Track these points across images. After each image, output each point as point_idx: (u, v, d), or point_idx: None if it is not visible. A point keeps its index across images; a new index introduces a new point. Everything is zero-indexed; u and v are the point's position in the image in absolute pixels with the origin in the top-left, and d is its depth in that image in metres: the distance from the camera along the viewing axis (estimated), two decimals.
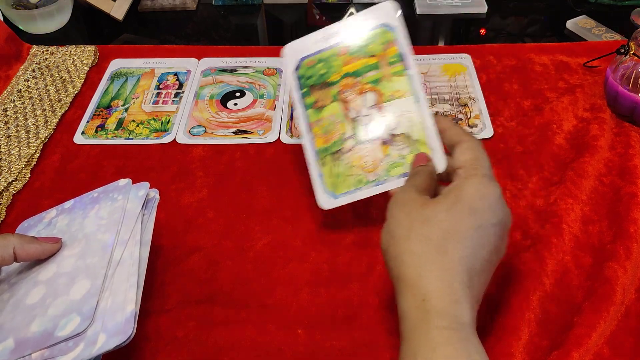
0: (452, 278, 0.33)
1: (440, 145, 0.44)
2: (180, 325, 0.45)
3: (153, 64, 0.72)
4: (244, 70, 0.70)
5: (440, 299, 0.33)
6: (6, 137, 0.62)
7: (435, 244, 0.34)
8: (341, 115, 0.48)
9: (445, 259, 0.34)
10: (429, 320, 0.32)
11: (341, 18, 0.82)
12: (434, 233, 0.35)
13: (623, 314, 0.43)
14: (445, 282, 0.33)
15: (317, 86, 0.49)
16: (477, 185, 0.37)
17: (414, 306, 0.33)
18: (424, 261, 0.34)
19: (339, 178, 0.47)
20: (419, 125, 0.45)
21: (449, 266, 0.34)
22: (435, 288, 0.33)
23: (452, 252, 0.34)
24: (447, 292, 0.33)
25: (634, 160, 0.54)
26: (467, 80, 0.66)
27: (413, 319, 0.33)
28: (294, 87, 0.49)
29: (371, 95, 0.47)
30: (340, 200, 0.46)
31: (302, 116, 0.49)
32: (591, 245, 0.48)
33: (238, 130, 0.62)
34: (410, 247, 0.35)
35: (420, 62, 0.69)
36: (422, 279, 0.34)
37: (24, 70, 0.71)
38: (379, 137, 0.46)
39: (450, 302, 0.33)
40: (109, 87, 0.69)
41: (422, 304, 0.33)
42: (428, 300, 0.33)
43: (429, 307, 0.33)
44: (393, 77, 0.47)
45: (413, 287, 0.34)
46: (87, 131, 0.63)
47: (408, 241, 0.35)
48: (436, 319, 0.32)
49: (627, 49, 0.56)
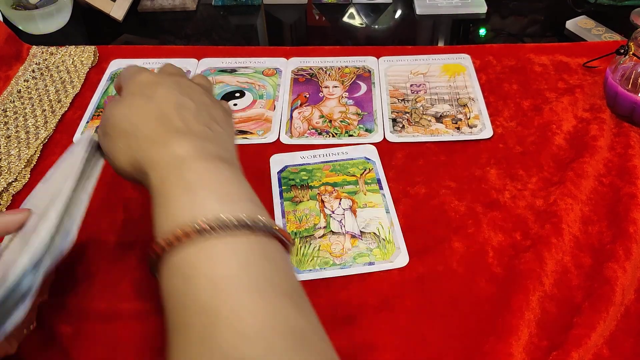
0: (152, 136, 0.37)
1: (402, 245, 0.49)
2: None
3: (153, 65, 0.72)
4: (243, 70, 0.70)
5: (151, 155, 0.36)
6: (6, 137, 0.62)
7: (127, 132, 0.38)
8: (317, 210, 0.52)
9: (140, 133, 0.37)
10: (148, 174, 0.36)
11: (341, 18, 0.83)
12: (121, 128, 0.38)
13: (623, 315, 0.43)
14: (149, 143, 0.37)
15: (298, 187, 0.54)
16: (126, 84, 0.41)
17: (142, 179, 0.38)
18: (127, 150, 0.38)
19: (305, 257, 0.49)
20: (387, 229, 0.50)
21: (146, 134, 0.37)
22: (146, 155, 0.37)
23: (141, 126, 0.38)
24: (153, 148, 0.36)
25: (634, 160, 0.54)
26: (466, 81, 0.66)
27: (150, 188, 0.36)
28: (276, 184, 0.55)
29: (346, 201, 0.53)
30: (303, 276, 0.47)
31: (278, 204, 0.53)
32: (591, 246, 0.48)
33: (237, 131, 0.62)
34: (116, 151, 0.39)
35: (420, 62, 0.69)
36: (135, 160, 0.37)
37: (24, 70, 0.71)
38: (350, 232, 0.50)
39: (158, 149, 0.36)
40: (108, 87, 0.69)
41: (143, 170, 0.36)
42: (144, 164, 0.36)
43: (147, 168, 0.36)
44: (368, 193, 0.53)
45: (135, 169, 0.38)
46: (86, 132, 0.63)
47: (114, 150, 0.39)
48: (152, 170, 0.35)
49: (626, 49, 0.56)
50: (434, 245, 0.49)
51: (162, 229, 0.32)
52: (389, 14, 0.83)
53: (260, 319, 0.28)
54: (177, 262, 0.30)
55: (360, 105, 0.64)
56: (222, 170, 0.34)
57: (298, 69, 0.70)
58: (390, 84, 0.66)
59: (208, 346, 0.27)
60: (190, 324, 0.28)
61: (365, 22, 0.82)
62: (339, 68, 0.69)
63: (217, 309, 0.28)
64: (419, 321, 0.44)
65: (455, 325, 0.44)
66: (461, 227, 0.50)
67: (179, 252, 0.30)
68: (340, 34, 0.81)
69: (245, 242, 0.31)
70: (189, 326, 0.28)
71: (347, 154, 0.57)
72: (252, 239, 0.31)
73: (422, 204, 0.52)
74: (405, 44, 0.73)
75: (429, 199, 0.53)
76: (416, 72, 0.68)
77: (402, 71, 0.68)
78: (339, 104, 0.64)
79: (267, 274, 0.30)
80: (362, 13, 0.83)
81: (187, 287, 0.29)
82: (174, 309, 0.30)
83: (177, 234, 0.30)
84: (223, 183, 0.33)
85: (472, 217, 0.51)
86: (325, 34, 0.83)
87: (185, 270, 0.30)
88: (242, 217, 0.31)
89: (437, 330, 0.43)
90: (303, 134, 0.61)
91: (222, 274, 0.29)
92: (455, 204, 0.52)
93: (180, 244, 0.30)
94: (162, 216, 0.32)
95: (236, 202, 0.32)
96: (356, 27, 0.82)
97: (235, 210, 0.31)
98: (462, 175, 0.55)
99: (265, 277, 0.30)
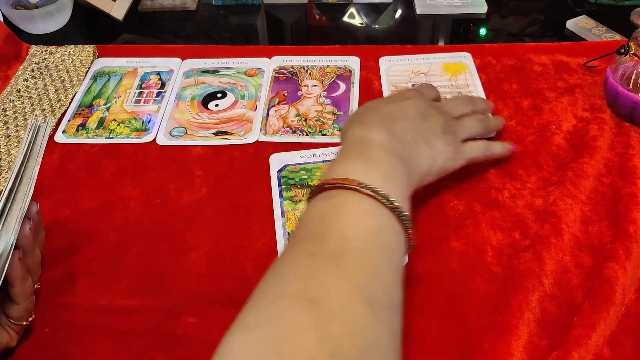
0: (365, 121, 0.46)
1: None
2: (179, 323, 0.45)
3: (136, 64, 0.72)
4: (226, 71, 0.70)
5: (354, 131, 0.45)
6: (5, 137, 0.62)
7: (360, 113, 0.48)
8: None
9: (363, 117, 0.47)
10: (344, 141, 0.45)
11: (341, 18, 0.82)
12: (361, 110, 0.49)
13: (623, 314, 0.43)
14: (361, 126, 0.45)
15: (297, 186, 0.54)
16: (398, 93, 0.53)
17: (342, 141, 0.46)
18: (350, 123, 0.47)
19: None
20: None
21: (364, 118, 0.47)
22: (352, 127, 0.46)
23: (370, 115, 0.47)
24: (359, 127, 0.45)
25: (634, 160, 0.53)
26: (467, 80, 0.66)
27: (341, 147, 0.45)
28: (275, 183, 0.55)
29: None
30: None
31: (277, 203, 0.53)
32: (591, 246, 0.48)
33: (218, 132, 0.62)
34: (346, 124, 0.48)
35: (421, 61, 0.69)
36: (346, 132, 0.46)
37: (23, 70, 0.71)
38: None
39: (360, 129, 0.45)
40: (91, 86, 0.69)
41: (343, 139, 0.46)
42: (346, 134, 0.46)
43: (346, 137, 0.46)
44: None
45: (342, 137, 0.46)
46: (68, 130, 0.63)
47: (346, 124, 0.48)
48: (348, 139, 0.45)
49: (627, 49, 0.56)
50: (433, 245, 0.49)
51: (333, 172, 0.41)
52: (389, 14, 0.83)
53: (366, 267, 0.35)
54: (333, 194, 0.39)
55: (337, 104, 0.64)
56: (396, 165, 0.43)
57: (280, 67, 0.70)
58: (392, 84, 0.66)
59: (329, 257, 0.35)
60: (320, 237, 0.36)
61: (366, 21, 0.82)
62: (320, 67, 0.69)
63: (348, 239, 0.36)
64: (418, 320, 0.44)
65: (454, 325, 0.43)
66: (460, 226, 0.50)
67: (338, 191, 0.39)
68: (341, 33, 0.81)
69: (385, 216, 0.38)
70: (318, 238, 0.36)
71: None
72: (391, 218, 0.38)
73: (421, 203, 0.52)
74: (405, 43, 0.73)
75: (427, 198, 0.53)
76: (417, 71, 0.68)
77: (403, 71, 0.68)
78: (316, 103, 0.64)
79: (388, 244, 0.38)
80: (362, 13, 0.83)
81: (333, 212, 0.38)
82: (310, 223, 0.38)
83: (343, 179, 0.39)
84: (390, 170, 0.42)
85: (471, 216, 0.51)
86: (326, 33, 0.83)
87: (335, 200, 0.39)
88: (390, 198, 0.38)
89: (436, 329, 0.43)
90: (277, 131, 0.61)
91: (360, 223, 0.37)
92: (454, 203, 0.52)
93: (340, 187, 0.39)
94: (339, 166, 0.41)
95: (390, 187, 0.40)
96: (356, 26, 0.82)
97: (389, 191, 0.39)
98: (461, 175, 0.55)
99: (386, 246, 0.37)
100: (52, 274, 0.49)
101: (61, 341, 0.44)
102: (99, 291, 0.48)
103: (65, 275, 0.49)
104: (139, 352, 0.44)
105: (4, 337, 0.42)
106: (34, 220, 0.42)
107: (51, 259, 0.50)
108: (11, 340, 0.43)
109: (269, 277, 0.35)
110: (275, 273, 0.35)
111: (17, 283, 0.41)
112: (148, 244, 0.51)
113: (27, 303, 0.42)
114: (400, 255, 0.39)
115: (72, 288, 0.48)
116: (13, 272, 0.40)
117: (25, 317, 0.43)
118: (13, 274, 0.40)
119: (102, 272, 0.49)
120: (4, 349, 0.42)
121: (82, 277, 0.49)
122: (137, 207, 0.54)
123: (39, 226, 0.44)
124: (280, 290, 0.33)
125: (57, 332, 0.45)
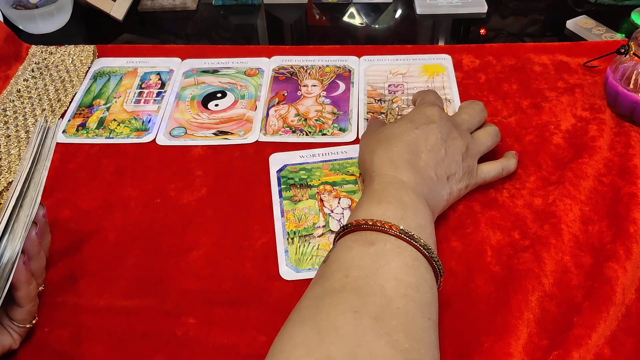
0: (394, 158, 0.46)
1: None
2: (179, 323, 0.45)
3: (136, 64, 0.72)
4: (225, 70, 0.70)
5: (383, 169, 0.45)
6: (6, 137, 0.62)
7: (384, 142, 0.48)
8: (316, 209, 0.52)
9: (389, 148, 0.47)
10: (374, 178, 0.45)
11: (341, 18, 0.82)
12: (383, 136, 0.49)
13: (623, 314, 0.43)
14: (388, 160, 0.46)
15: (297, 185, 0.54)
16: (416, 108, 0.52)
17: (367, 178, 0.47)
18: (374, 153, 0.47)
19: (304, 256, 0.49)
20: None
21: (392, 153, 0.46)
22: (381, 164, 0.46)
23: (395, 144, 0.47)
24: (388, 165, 0.45)
25: (634, 160, 0.53)
26: (444, 82, 0.66)
27: (366, 184, 0.46)
28: (275, 183, 0.55)
29: (346, 200, 0.53)
30: (302, 275, 0.47)
31: (277, 203, 0.53)
32: (591, 246, 0.48)
33: (218, 132, 0.62)
34: (369, 147, 0.49)
35: (401, 62, 0.69)
36: (373, 163, 0.47)
37: (23, 70, 0.71)
38: None
39: (391, 169, 0.45)
40: (91, 86, 0.69)
41: (372, 174, 0.46)
42: (375, 171, 0.46)
43: (375, 174, 0.46)
44: None
45: (368, 168, 0.47)
46: (68, 130, 0.63)
47: (368, 146, 0.49)
48: (379, 177, 0.45)
49: (627, 49, 0.56)
50: None
51: (369, 211, 0.41)
52: (389, 14, 0.83)
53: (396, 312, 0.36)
54: (373, 239, 0.39)
55: (336, 104, 0.64)
56: (425, 210, 0.43)
57: (279, 67, 0.70)
58: (369, 84, 0.66)
59: (354, 297, 0.36)
60: (362, 291, 0.36)
61: (366, 21, 0.82)
62: (319, 67, 0.69)
63: (391, 298, 0.36)
64: None
65: (454, 325, 0.43)
66: (459, 226, 0.50)
67: (378, 235, 0.39)
68: (340, 33, 0.81)
69: (422, 268, 0.39)
70: (360, 293, 0.36)
71: (346, 153, 0.57)
72: (428, 269, 0.39)
73: None
74: (405, 43, 0.73)
75: None
76: (395, 72, 0.68)
77: (381, 71, 0.68)
78: (315, 103, 0.64)
79: (427, 302, 0.38)
80: (362, 13, 0.83)
81: (373, 263, 0.38)
82: (349, 269, 0.38)
83: (382, 222, 0.40)
84: (422, 218, 0.42)
85: (470, 216, 0.51)
86: (325, 33, 0.83)
87: (366, 240, 0.39)
88: (422, 241, 0.39)
89: None
90: (277, 131, 0.61)
91: (401, 278, 0.37)
92: (453, 203, 0.52)
93: (371, 227, 0.40)
94: (372, 205, 0.42)
95: (423, 235, 0.41)
96: (356, 26, 0.82)
97: (427, 239, 0.40)
98: None
99: (425, 303, 0.38)
100: (51, 274, 0.49)
101: (61, 341, 0.44)
102: (99, 291, 0.48)
103: (65, 275, 0.49)
104: (138, 352, 0.44)
105: (7, 340, 0.42)
106: (40, 225, 0.42)
107: (51, 259, 0.49)
108: (14, 343, 0.42)
109: (306, 326, 0.35)
110: (313, 324, 0.34)
111: (22, 286, 0.40)
112: (148, 244, 0.51)
113: (31, 306, 0.42)
114: (436, 308, 0.39)
115: (72, 288, 0.48)
116: (18, 275, 0.39)
117: (28, 320, 0.43)
118: (18, 277, 0.40)
119: (102, 272, 0.49)
120: (6, 351, 0.42)
121: (81, 277, 0.49)
122: (137, 207, 0.54)
123: (45, 230, 0.44)
124: (324, 353, 0.32)
125: (56, 332, 0.45)
